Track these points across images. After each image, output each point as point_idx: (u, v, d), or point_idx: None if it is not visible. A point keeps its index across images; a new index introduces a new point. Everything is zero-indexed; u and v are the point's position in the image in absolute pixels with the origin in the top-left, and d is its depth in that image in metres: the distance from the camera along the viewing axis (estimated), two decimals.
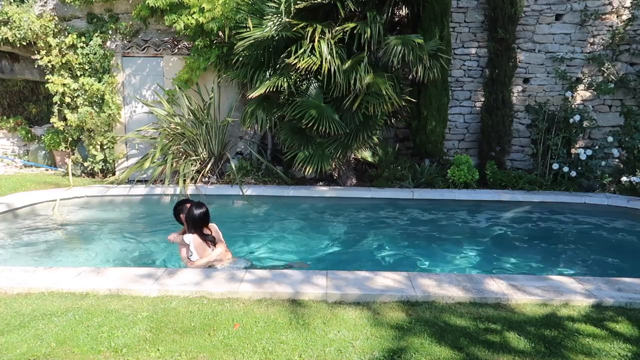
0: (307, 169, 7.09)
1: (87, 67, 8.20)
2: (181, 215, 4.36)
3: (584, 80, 8.25)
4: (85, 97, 8.15)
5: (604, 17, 8.07)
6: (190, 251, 4.21)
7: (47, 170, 9.20)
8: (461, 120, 8.60)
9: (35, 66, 8.53)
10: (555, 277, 3.77)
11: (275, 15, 6.87)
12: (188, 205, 4.33)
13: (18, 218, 6.26)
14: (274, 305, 3.22)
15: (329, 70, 6.47)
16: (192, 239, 4.22)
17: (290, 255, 5.01)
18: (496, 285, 3.51)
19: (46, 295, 3.35)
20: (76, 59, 8.10)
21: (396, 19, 7.90)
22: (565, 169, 7.59)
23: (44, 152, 9.43)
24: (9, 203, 6.25)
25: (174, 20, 7.67)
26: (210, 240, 4.34)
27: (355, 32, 6.65)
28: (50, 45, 8.11)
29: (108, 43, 8.28)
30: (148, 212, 6.91)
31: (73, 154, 8.78)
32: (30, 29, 7.91)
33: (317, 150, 7.17)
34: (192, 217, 4.20)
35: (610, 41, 8.06)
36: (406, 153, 8.48)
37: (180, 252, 4.33)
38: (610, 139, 7.78)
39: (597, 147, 7.90)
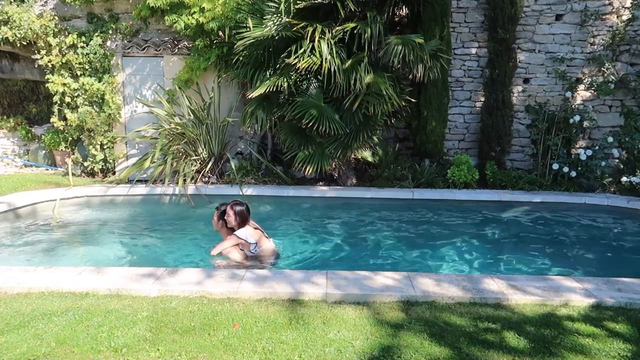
0: (307, 169, 7.09)
1: (87, 67, 8.20)
2: (227, 217, 4.51)
3: (584, 81, 8.24)
4: (86, 96, 8.15)
5: (604, 17, 8.07)
6: (251, 243, 4.43)
7: (47, 170, 9.20)
8: (461, 120, 8.60)
9: (36, 66, 8.53)
10: (555, 277, 3.78)
11: (275, 15, 6.87)
12: (226, 207, 4.56)
13: (18, 218, 6.26)
14: (273, 305, 3.22)
15: (329, 70, 6.47)
16: (246, 232, 4.43)
17: (289, 255, 5.00)
18: (496, 285, 3.52)
19: (46, 295, 3.35)
20: (76, 58, 8.11)
21: (396, 19, 7.90)
22: (566, 169, 7.59)
23: (44, 151, 9.44)
24: (10, 203, 6.25)
25: (174, 20, 7.67)
26: (258, 228, 4.61)
27: (355, 32, 6.65)
28: (51, 45, 8.11)
29: (108, 43, 8.28)
30: (148, 212, 6.91)
31: (73, 154, 8.78)
32: (31, 29, 7.91)
33: (317, 150, 7.17)
34: (241, 213, 4.47)
35: (611, 41, 8.06)
36: (406, 153, 8.48)
37: (230, 257, 4.44)
38: (610, 139, 7.78)
39: (597, 148, 7.90)
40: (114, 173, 8.50)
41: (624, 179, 7.46)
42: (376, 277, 3.64)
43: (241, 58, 7.39)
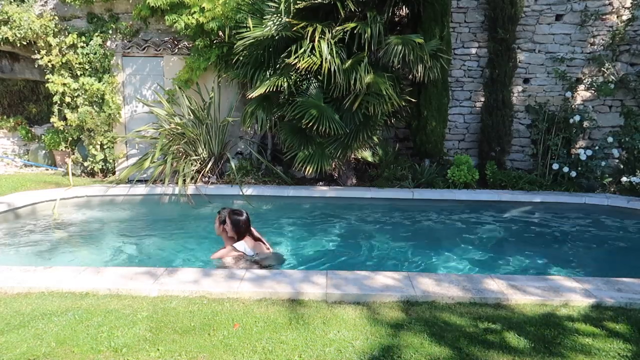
0: (307, 169, 7.09)
1: (87, 67, 8.20)
2: (225, 227, 4.38)
3: (584, 81, 8.25)
4: (86, 96, 8.15)
5: (604, 17, 8.07)
6: (250, 255, 4.33)
7: (47, 169, 9.20)
8: (461, 120, 8.60)
9: (36, 66, 8.53)
10: (555, 277, 3.78)
11: (275, 15, 6.87)
12: (226, 214, 4.39)
13: (18, 218, 6.26)
14: (273, 305, 3.22)
15: (329, 70, 6.47)
16: (244, 245, 4.32)
17: (290, 255, 5.00)
18: (496, 285, 3.51)
19: (46, 294, 3.35)
20: (76, 58, 8.11)
21: (396, 19, 7.90)
22: (566, 169, 7.59)
23: (44, 151, 9.44)
24: (10, 202, 6.24)
25: (174, 20, 7.67)
26: (260, 239, 4.51)
27: (355, 32, 6.65)
28: (51, 45, 8.11)
29: (108, 43, 8.28)
30: (148, 212, 6.92)
31: (73, 154, 8.78)
32: (31, 29, 7.91)
33: (317, 150, 7.17)
34: (237, 223, 4.30)
35: (611, 41, 8.06)
36: (406, 153, 8.48)
37: (225, 263, 4.37)
38: (610, 139, 7.78)
39: (597, 148, 7.90)
40: (114, 173, 8.50)
41: (624, 179, 7.46)
42: (376, 277, 3.64)
43: (241, 58, 7.39)
